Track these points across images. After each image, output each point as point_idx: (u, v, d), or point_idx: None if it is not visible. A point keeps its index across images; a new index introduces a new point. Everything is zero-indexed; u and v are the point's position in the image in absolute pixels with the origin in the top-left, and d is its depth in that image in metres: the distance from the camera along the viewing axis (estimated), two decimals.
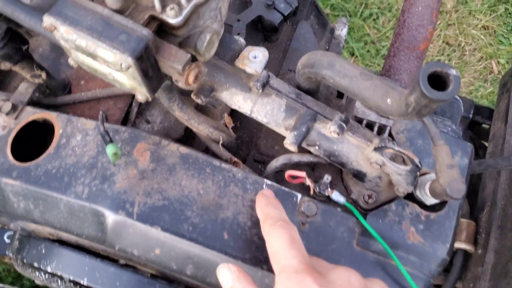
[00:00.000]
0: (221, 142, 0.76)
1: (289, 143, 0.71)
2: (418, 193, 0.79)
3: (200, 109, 0.88)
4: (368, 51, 2.50)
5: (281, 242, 0.59)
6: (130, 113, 0.88)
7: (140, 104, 0.89)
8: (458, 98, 0.95)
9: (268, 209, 0.67)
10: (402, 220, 0.76)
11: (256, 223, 0.71)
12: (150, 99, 0.61)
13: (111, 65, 0.55)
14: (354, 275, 0.55)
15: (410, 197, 0.79)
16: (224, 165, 0.73)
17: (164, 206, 0.70)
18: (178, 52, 0.58)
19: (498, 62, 2.45)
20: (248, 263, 0.70)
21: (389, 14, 2.57)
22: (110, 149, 0.66)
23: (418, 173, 0.70)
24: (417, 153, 0.81)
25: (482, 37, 2.50)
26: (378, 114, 0.83)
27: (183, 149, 0.73)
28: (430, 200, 0.78)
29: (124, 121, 0.87)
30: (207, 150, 0.84)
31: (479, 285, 0.97)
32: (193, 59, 0.63)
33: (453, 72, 0.51)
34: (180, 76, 0.60)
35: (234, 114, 0.89)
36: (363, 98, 0.67)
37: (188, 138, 0.87)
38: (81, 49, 0.55)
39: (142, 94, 0.59)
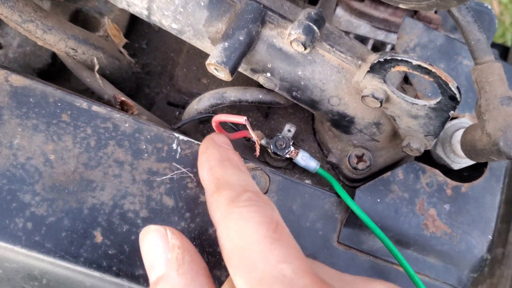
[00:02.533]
0: (96, 68, 0.42)
1: (215, 63, 0.38)
2: (440, 151, 0.47)
3: (84, 24, 0.54)
4: None
5: (254, 231, 0.29)
6: None
7: None
8: (489, 6, 0.64)
9: (224, 171, 0.35)
10: (415, 198, 0.45)
11: (160, 212, 0.39)
12: None
13: None
14: None
15: (425, 158, 0.48)
16: (98, 108, 0.40)
17: None
18: None
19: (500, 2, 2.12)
20: (145, 285, 0.38)
21: None
22: None
23: (452, 112, 0.38)
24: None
25: None
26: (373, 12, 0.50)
27: (18, 80, 0.40)
28: (460, 162, 0.47)
29: None
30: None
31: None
32: None
33: None
34: None
35: (138, 27, 0.55)
36: None
37: (62, 70, 0.52)
38: None
39: None
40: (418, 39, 0.49)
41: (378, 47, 0.53)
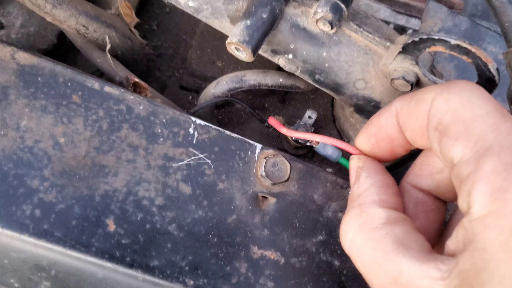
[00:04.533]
0: (108, 47, 0.40)
1: (236, 42, 0.36)
2: None
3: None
4: None
5: (483, 103, 0.29)
6: None
7: None
8: None
9: None
10: None
11: (176, 200, 0.37)
12: None
13: None
14: None
15: None
16: (110, 89, 0.38)
17: None
18: None
19: None
20: (160, 277, 0.36)
21: None
22: None
23: None
24: (462, 69, 0.47)
25: None
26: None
27: (25, 58, 0.37)
28: None
29: None
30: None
31: None
32: None
33: None
34: None
35: (148, 8, 0.52)
36: None
37: (68, 51, 0.50)
38: None
39: None
40: (442, 23, 0.47)
41: (398, 32, 0.51)
